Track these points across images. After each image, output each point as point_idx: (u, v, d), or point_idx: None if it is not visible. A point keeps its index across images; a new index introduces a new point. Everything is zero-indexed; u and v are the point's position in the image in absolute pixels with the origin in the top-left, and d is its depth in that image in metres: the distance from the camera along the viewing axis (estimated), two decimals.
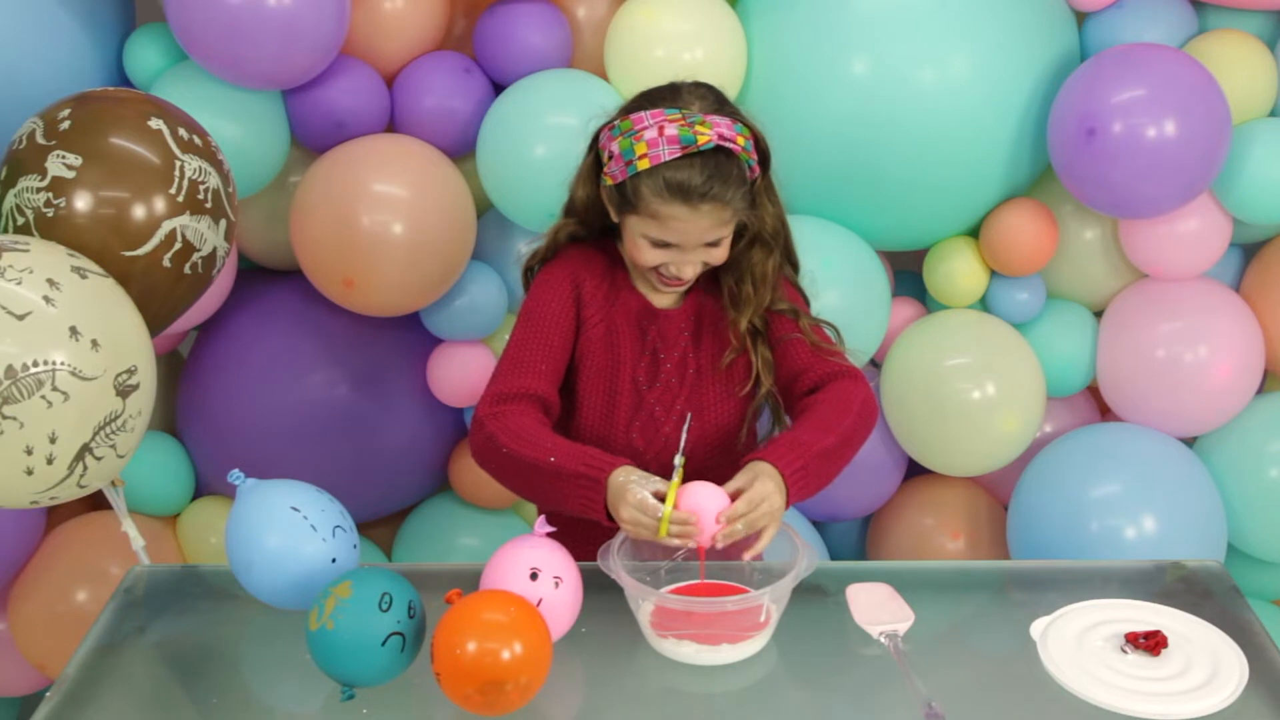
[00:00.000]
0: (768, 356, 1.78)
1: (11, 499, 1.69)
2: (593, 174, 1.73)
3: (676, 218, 1.63)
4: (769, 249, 1.75)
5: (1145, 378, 2.49)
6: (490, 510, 2.72)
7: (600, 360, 1.77)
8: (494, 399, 1.68)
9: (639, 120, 1.65)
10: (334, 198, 2.38)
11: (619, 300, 1.78)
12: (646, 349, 1.78)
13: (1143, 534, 2.38)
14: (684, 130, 1.61)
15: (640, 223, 1.67)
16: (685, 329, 1.79)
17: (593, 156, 1.73)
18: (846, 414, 1.68)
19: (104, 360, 1.66)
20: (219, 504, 2.62)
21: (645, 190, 1.63)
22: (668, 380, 1.78)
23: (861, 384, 1.74)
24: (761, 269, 1.75)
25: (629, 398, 1.78)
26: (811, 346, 1.76)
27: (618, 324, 1.78)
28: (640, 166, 1.62)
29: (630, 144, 1.63)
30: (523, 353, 1.73)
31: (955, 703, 1.40)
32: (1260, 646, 1.52)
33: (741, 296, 1.76)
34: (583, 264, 1.79)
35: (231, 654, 1.62)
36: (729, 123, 1.63)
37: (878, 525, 2.78)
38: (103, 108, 1.84)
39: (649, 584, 1.57)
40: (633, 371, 1.77)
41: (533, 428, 1.65)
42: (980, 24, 2.37)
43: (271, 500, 1.52)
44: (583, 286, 1.77)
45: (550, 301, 1.76)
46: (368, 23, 2.40)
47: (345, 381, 2.57)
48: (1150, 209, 2.38)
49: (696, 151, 1.61)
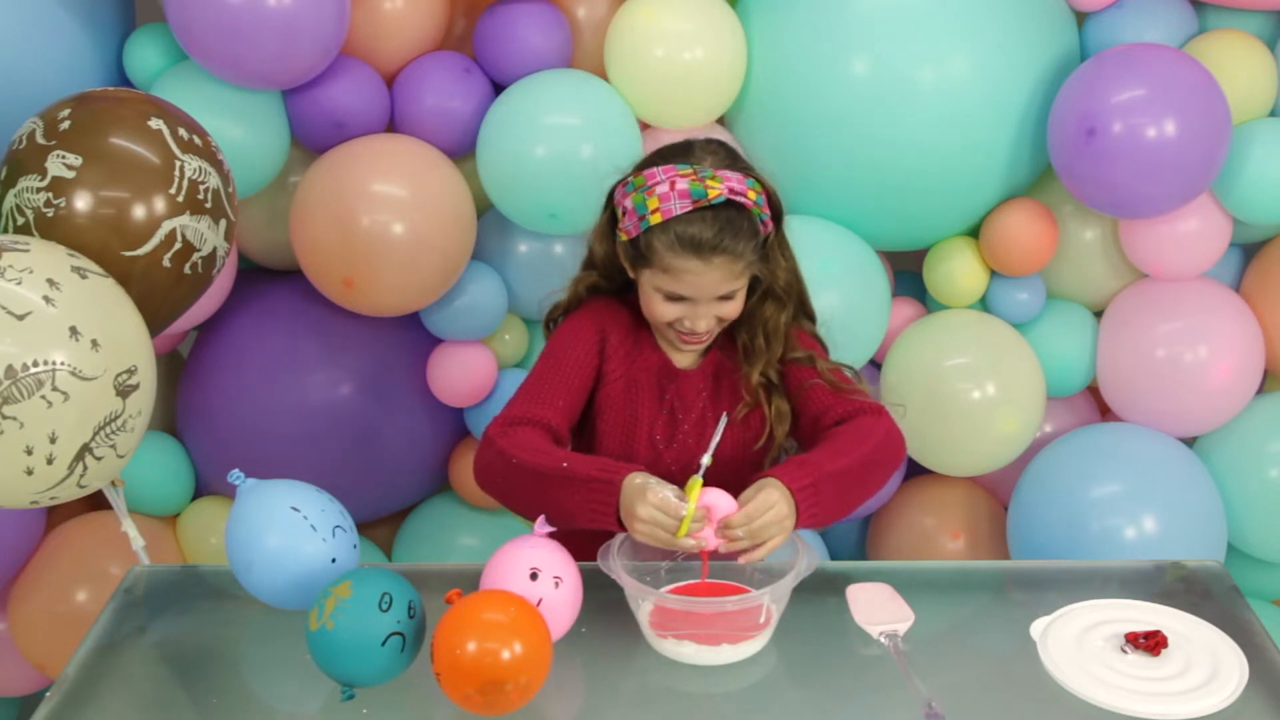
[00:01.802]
0: (782, 408, 1.79)
1: (11, 499, 1.69)
2: (609, 230, 1.76)
3: (689, 271, 1.65)
4: (781, 303, 1.77)
5: (1145, 378, 2.49)
6: (490, 510, 2.72)
7: (619, 416, 1.79)
8: (505, 421, 1.69)
9: (651, 176, 1.67)
10: (334, 198, 2.38)
11: (641, 356, 1.80)
12: (664, 408, 1.80)
13: (1143, 534, 2.38)
14: (695, 185, 1.63)
15: (654, 276, 1.69)
16: (704, 389, 1.81)
17: (609, 213, 1.75)
18: (864, 442, 1.68)
19: (104, 360, 1.66)
20: (219, 504, 2.62)
21: (658, 244, 1.65)
22: (684, 441, 1.80)
23: (884, 418, 1.74)
24: (774, 323, 1.77)
25: (646, 455, 1.79)
26: (831, 388, 1.77)
27: (638, 380, 1.79)
28: (653, 221, 1.64)
29: (643, 199, 1.66)
30: (540, 385, 1.75)
31: (955, 703, 1.40)
32: (1260, 646, 1.52)
33: (754, 349, 1.78)
34: (610, 316, 1.81)
35: (231, 654, 1.62)
36: (740, 177, 1.66)
37: (878, 525, 2.78)
38: (103, 108, 1.84)
39: (649, 584, 1.57)
40: (650, 430, 1.79)
41: (543, 444, 1.66)
42: (980, 24, 2.37)
43: (271, 500, 1.52)
44: (608, 338, 1.79)
45: (575, 344, 1.78)
46: (368, 23, 2.40)
47: (345, 381, 2.57)
48: (1150, 209, 2.38)
49: (708, 205, 1.63)
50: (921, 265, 2.61)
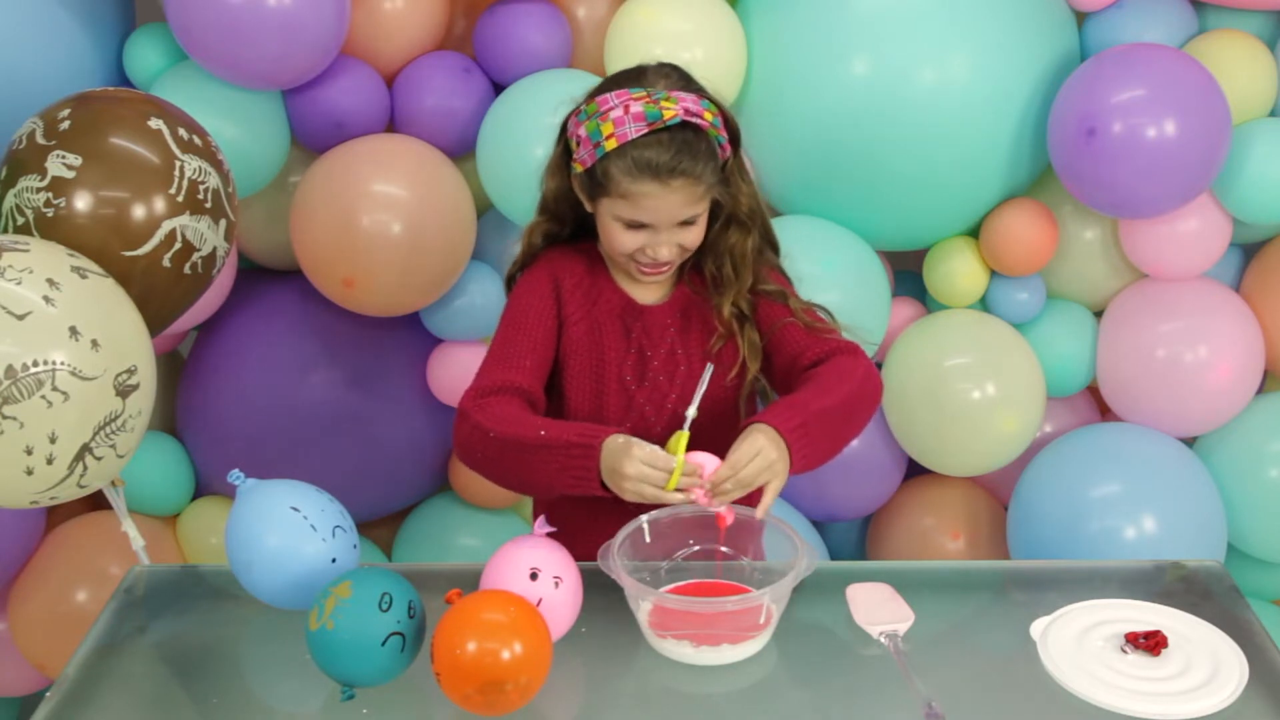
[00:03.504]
0: (754, 340, 1.75)
1: (11, 499, 1.69)
2: (563, 164, 1.71)
3: (648, 195, 1.61)
4: (746, 229, 1.73)
5: (1145, 378, 2.49)
6: (490, 510, 2.72)
7: (585, 360, 1.75)
8: (477, 393, 1.66)
9: (604, 102, 1.63)
10: (334, 198, 2.38)
11: (601, 297, 1.76)
12: (632, 346, 1.75)
13: (1143, 534, 2.38)
14: (650, 107, 1.59)
15: (613, 205, 1.65)
16: (671, 324, 1.76)
17: (562, 146, 1.71)
18: (846, 381, 1.66)
19: (104, 360, 1.66)
20: (219, 504, 2.62)
21: (615, 171, 1.61)
22: (655, 378, 1.75)
23: (861, 358, 1.72)
24: (740, 249, 1.73)
25: (617, 398, 1.75)
26: (806, 328, 1.74)
27: (600, 321, 1.75)
28: (608, 147, 1.60)
29: (596, 125, 1.62)
30: (506, 349, 1.71)
31: (955, 703, 1.40)
32: (1260, 646, 1.52)
33: (723, 279, 1.74)
34: (561, 263, 1.77)
35: (231, 654, 1.61)
36: (695, 98, 1.62)
37: (878, 525, 2.78)
38: (103, 108, 1.84)
39: (649, 584, 1.57)
40: (619, 370, 1.75)
41: (519, 413, 1.63)
42: (980, 24, 2.37)
43: (271, 500, 1.52)
44: (562, 284, 1.75)
45: (531, 300, 1.74)
46: (368, 23, 2.40)
47: (345, 381, 2.57)
48: (1150, 209, 2.38)
49: (664, 127, 1.59)
50: (921, 265, 2.61)
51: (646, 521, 1.59)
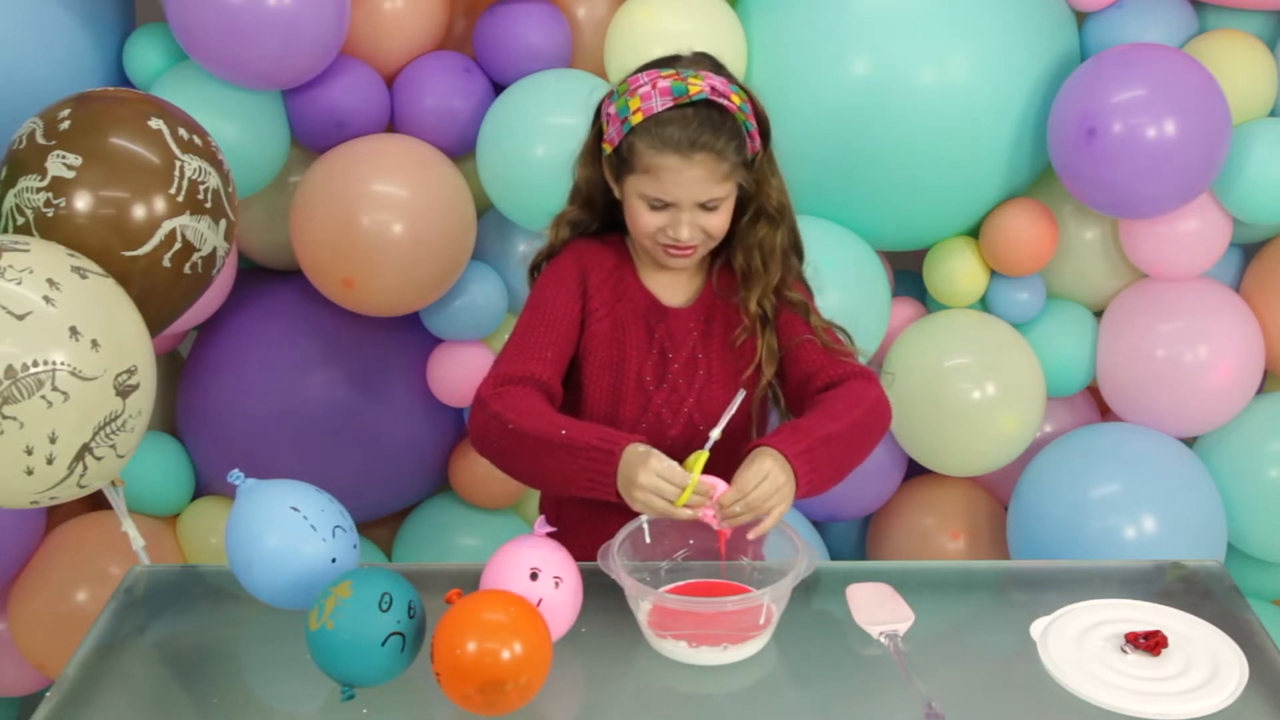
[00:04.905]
0: (773, 346, 1.76)
1: (11, 499, 1.69)
2: (594, 150, 1.73)
3: (670, 169, 1.62)
4: (775, 223, 1.74)
5: (1145, 378, 2.49)
6: (490, 510, 2.73)
7: (605, 356, 1.74)
8: (497, 381, 1.66)
9: (634, 81, 1.66)
10: (334, 198, 2.38)
11: (626, 295, 1.76)
12: (654, 347, 1.75)
13: (1143, 534, 2.38)
14: (676, 83, 1.62)
15: (637, 181, 1.66)
16: (695, 328, 1.77)
17: (594, 132, 1.73)
18: (854, 408, 1.67)
19: (104, 360, 1.66)
20: (219, 504, 2.63)
21: (639, 145, 1.63)
22: (675, 381, 1.75)
23: (874, 384, 1.72)
24: (770, 243, 1.73)
25: (635, 398, 1.75)
26: (824, 348, 1.75)
27: (624, 319, 1.75)
28: (634, 121, 1.63)
29: (625, 102, 1.64)
30: (528, 339, 1.71)
31: (955, 703, 1.40)
32: (1260, 646, 1.52)
33: (752, 272, 1.74)
34: (590, 255, 1.77)
35: (231, 654, 1.61)
36: (724, 81, 1.65)
37: (878, 525, 2.78)
38: (103, 108, 1.84)
39: (649, 584, 1.57)
40: (639, 370, 1.75)
41: (540, 407, 1.63)
42: (980, 24, 2.37)
43: (271, 500, 1.52)
44: (589, 277, 1.75)
45: (557, 290, 1.74)
46: (368, 23, 2.40)
47: (345, 381, 2.57)
48: (1150, 209, 2.38)
49: (689, 103, 1.61)
50: (921, 265, 2.61)
51: (646, 522, 1.59)
